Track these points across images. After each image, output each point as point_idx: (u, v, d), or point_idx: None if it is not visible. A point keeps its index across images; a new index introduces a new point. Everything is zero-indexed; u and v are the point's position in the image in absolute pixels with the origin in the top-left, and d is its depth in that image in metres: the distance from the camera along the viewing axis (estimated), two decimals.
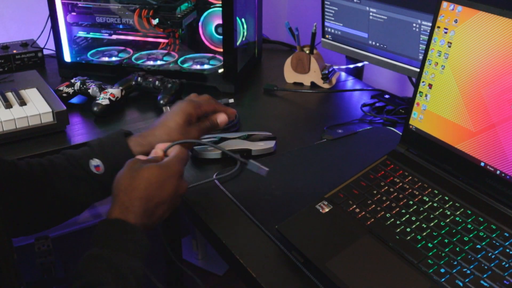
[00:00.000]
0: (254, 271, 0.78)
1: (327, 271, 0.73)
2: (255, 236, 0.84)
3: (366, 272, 0.72)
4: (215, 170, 1.00)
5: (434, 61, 0.87)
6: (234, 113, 0.97)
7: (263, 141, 1.06)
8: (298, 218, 0.82)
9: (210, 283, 1.86)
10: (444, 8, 0.85)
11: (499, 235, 0.73)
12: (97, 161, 0.86)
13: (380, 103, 1.27)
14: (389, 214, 0.79)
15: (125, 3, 1.39)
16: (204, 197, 0.94)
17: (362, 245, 0.76)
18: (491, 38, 0.78)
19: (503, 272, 0.68)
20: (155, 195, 0.75)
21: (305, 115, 1.27)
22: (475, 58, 0.80)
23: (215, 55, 1.45)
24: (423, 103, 0.89)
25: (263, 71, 1.53)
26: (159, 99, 1.23)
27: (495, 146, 0.78)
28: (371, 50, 1.26)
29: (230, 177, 0.98)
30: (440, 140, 0.86)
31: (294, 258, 0.79)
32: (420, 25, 1.12)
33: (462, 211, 0.78)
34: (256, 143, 1.05)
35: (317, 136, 1.12)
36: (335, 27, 1.33)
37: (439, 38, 0.86)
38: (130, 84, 1.29)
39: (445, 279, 0.69)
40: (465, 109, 0.82)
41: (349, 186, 0.86)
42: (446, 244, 0.73)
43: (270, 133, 1.09)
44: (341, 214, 0.82)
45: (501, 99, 0.77)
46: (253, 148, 1.04)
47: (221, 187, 0.96)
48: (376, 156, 0.91)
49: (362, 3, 1.23)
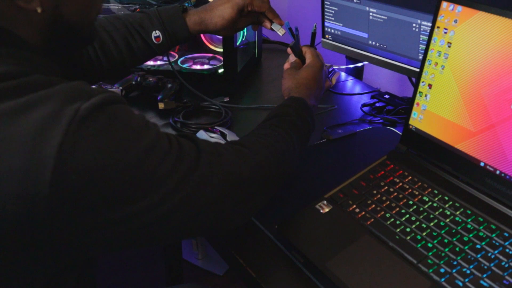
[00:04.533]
0: (254, 271, 0.78)
1: (327, 271, 0.73)
2: (255, 236, 0.84)
3: (366, 272, 0.72)
4: None
5: (434, 61, 0.87)
6: (282, 24, 1.10)
7: None
8: (298, 218, 0.82)
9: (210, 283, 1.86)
10: (444, 8, 0.85)
11: (499, 235, 0.73)
12: (158, 32, 1.04)
13: (380, 103, 1.27)
14: (389, 214, 0.80)
15: (125, 3, 1.39)
16: None
17: (362, 245, 0.76)
18: (491, 38, 0.78)
19: (503, 272, 0.68)
20: (313, 85, 0.96)
21: None
22: (475, 58, 0.80)
23: (215, 55, 1.45)
24: (423, 103, 0.89)
25: (263, 71, 1.53)
26: (159, 99, 1.23)
27: (495, 146, 0.78)
28: (371, 50, 1.26)
29: None
30: (440, 140, 0.86)
31: (294, 258, 0.79)
32: (420, 25, 1.12)
33: (462, 211, 0.78)
34: None
35: (317, 136, 1.12)
36: (335, 27, 1.33)
37: (439, 38, 0.86)
38: (130, 84, 1.29)
39: (445, 279, 0.69)
40: (465, 109, 0.82)
41: (349, 186, 0.86)
42: (446, 244, 0.73)
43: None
44: (341, 214, 0.82)
45: (501, 99, 0.77)
46: None
47: None
48: (376, 156, 0.92)
49: (362, 3, 1.23)
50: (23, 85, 0.58)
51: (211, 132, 1.09)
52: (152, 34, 1.04)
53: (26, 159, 0.54)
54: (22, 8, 0.62)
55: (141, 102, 1.30)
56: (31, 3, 0.62)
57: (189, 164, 0.64)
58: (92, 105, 0.57)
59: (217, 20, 1.06)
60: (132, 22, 1.04)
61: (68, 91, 0.58)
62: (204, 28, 1.07)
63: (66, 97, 0.57)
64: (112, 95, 0.60)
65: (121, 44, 1.03)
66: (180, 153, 0.64)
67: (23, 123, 0.55)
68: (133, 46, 1.04)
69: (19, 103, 0.56)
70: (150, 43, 1.05)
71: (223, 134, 1.08)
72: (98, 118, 0.57)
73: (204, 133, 1.08)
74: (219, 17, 1.06)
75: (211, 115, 1.22)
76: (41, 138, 0.54)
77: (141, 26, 1.04)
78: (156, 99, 1.23)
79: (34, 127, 0.55)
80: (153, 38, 1.04)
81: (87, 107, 0.57)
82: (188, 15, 1.06)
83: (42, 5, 0.63)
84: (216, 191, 0.67)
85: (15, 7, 0.62)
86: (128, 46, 1.04)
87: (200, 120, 1.20)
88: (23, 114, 0.55)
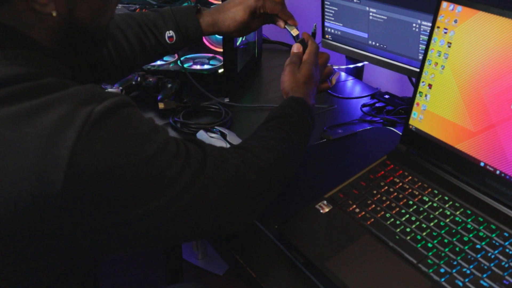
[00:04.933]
0: (254, 271, 0.78)
1: (327, 271, 0.73)
2: (255, 236, 0.84)
3: (366, 272, 0.72)
4: None
5: (434, 61, 0.87)
6: (296, 25, 1.08)
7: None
8: (298, 218, 0.82)
9: (210, 283, 1.86)
10: (444, 8, 0.85)
11: (499, 235, 0.73)
12: (172, 32, 1.04)
13: (380, 103, 1.27)
14: (389, 214, 0.80)
15: (125, 3, 1.39)
16: None
17: (362, 245, 0.76)
18: (491, 38, 0.78)
19: (503, 272, 0.68)
20: (311, 82, 0.96)
21: None
22: (475, 58, 0.80)
23: (215, 55, 1.45)
24: (423, 103, 0.89)
25: (263, 71, 1.53)
26: (159, 99, 1.23)
27: (495, 146, 0.78)
28: (371, 50, 1.26)
29: None
30: (440, 140, 0.86)
31: (294, 258, 0.79)
32: (420, 25, 1.12)
33: (462, 211, 0.78)
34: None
35: (317, 136, 1.12)
36: (335, 27, 1.33)
37: (439, 38, 0.86)
38: (130, 84, 1.29)
39: (445, 279, 0.69)
40: (465, 109, 0.82)
41: (349, 186, 0.86)
42: (446, 244, 0.73)
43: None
44: (341, 214, 0.82)
45: (501, 99, 0.77)
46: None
47: None
48: (376, 156, 0.92)
49: (362, 3, 1.23)
50: (37, 87, 0.59)
51: (211, 132, 1.09)
52: (166, 34, 1.04)
53: (40, 159, 0.55)
54: (37, 12, 0.63)
55: (141, 102, 1.30)
56: (46, 7, 0.63)
57: (196, 168, 0.66)
58: (105, 108, 0.58)
59: (229, 22, 1.06)
60: (145, 21, 1.04)
61: (81, 93, 0.59)
62: (217, 30, 1.07)
63: (79, 99, 0.58)
64: (124, 99, 0.62)
65: (134, 42, 1.04)
66: (187, 157, 0.66)
67: (38, 124, 0.56)
68: (146, 45, 1.05)
69: (34, 104, 0.57)
70: (163, 43, 1.05)
71: (223, 134, 1.08)
72: (110, 121, 0.59)
73: (204, 133, 1.08)
74: (232, 20, 1.05)
75: (211, 115, 1.22)
76: (55, 139, 0.55)
77: (154, 26, 1.04)
78: (156, 99, 1.23)
79: (48, 128, 0.56)
80: (167, 38, 1.04)
81: (100, 110, 0.58)
82: (201, 16, 1.06)
83: (57, 9, 0.64)
84: (222, 195, 0.68)
85: (31, 11, 0.63)
86: (141, 44, 1.04)
87: (200, 120, 1.20)
88: (38, 116, 0.56)
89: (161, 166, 0.62)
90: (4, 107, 0.57)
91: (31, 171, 0.55)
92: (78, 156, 0.56)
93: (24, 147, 0.55)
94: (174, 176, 0.63)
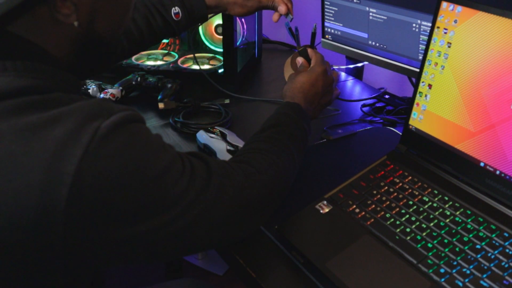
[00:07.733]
0: (254, 271, 0.78)
1: (327, 271, 0.73)
2: (255, 236, 0.84)
3: (366, 272, 0.72)
4: None
5: (434, 61, 0.87)
6: (291, 12, 1.14)
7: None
8: (298, 218, 0.82)
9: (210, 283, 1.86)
10: (443, 9, 0.85)
11: (499, 235, 0.73)
12: (177, 9, 1.08)
13: (380, 103, 1.27)
14: (389, 214, 0.80)
15: None
16: None
17: (362, 245, 0.76)
18: (491, 38, 0.78)
19: (503, 272, 0.68)
20: (310, 90, 0.95)
21: None
22: (475, 58, 0.80)
23: (215, 55, 1.45)
24: (423, 103, 0.89)
25: (263, 71, 1.53)
26: (159, 99, 1.23)
27: (494, 146, 0.78)
28: (371, 50, 1.26)
29: None
30: (440, 141, 0.86)
31: (294, 258, 0.79)
32: (420, 25, 1.12)
33: (462, 211, 0.78)
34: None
35: (317, 136, 1.12)
36: (335, 27, 1.33)
37: (439, 38, 0.86)
38: (130, 84, 1.29)
39: (445, 279, 0.69)
40: (464, 109, 0.82)
41: (349, 186, 0.86)
42: (446, 244, 0.73)
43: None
44: (341, 214, 0.82)
45: (501, 99, 0.77)
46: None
47: None
48: (376, 156, 0.92)
49: (362, 3, 1.23)
50: (45, 101, 0.59)
51: (211, 132, 1.09)
52: (172, 11, 1.08)
53: (45, 174, 0.55)
54: (59, 22, 0.63)
55: (141, 102, 1.30)
56: (69, 17, 0.63)
57: (201, 185, 0.66)
58: (112, 123, 0.58)
59: (233, 6, 1.12)
60: (152, 0, 1.07)
61: (89, 108, 0.59)
62: (222, 10, 1.14)
63: (87, 114, 0.58)
64: (132, 114, 0.62)
65: (142, 24, 1.06)
66: (192, 174, 0.66)
67: (44, 139, 0.56)
68: (153, 25, 1.07)
69: (42, 118, 0.57)
70: (170, 21, 1.08)
71: (223, 134, 1.08)
72: (117, 137, 0.58)
73: (204, 133, 1.08)
74: (237, 5, 1.12)
75: (211, 115, 1.22)
76: (61, 154, 0.55)
77: (161, 4, 1.07)
78: (156, 99, 1.24)
79: (54, 143, 0.55)
80: (173, 15, 1.08)
81: (107, 125, 0.58)
82: None
83: (78, 20, 0.64)
84: (225, 212, 0.69)
85: (54, 21, 0.63)
86: (148, 25, 1.07)
87: (200, 120, 1.20)
88: (45, 130, 0.56)
89: (166, 185, 0.62)
90: (11, 119, 0.56)
91: (36, 186, 0.55)
92: (83, 173, 0.55)
93: (30, 161, 0.55)
94: (179, 194, 0.63)
